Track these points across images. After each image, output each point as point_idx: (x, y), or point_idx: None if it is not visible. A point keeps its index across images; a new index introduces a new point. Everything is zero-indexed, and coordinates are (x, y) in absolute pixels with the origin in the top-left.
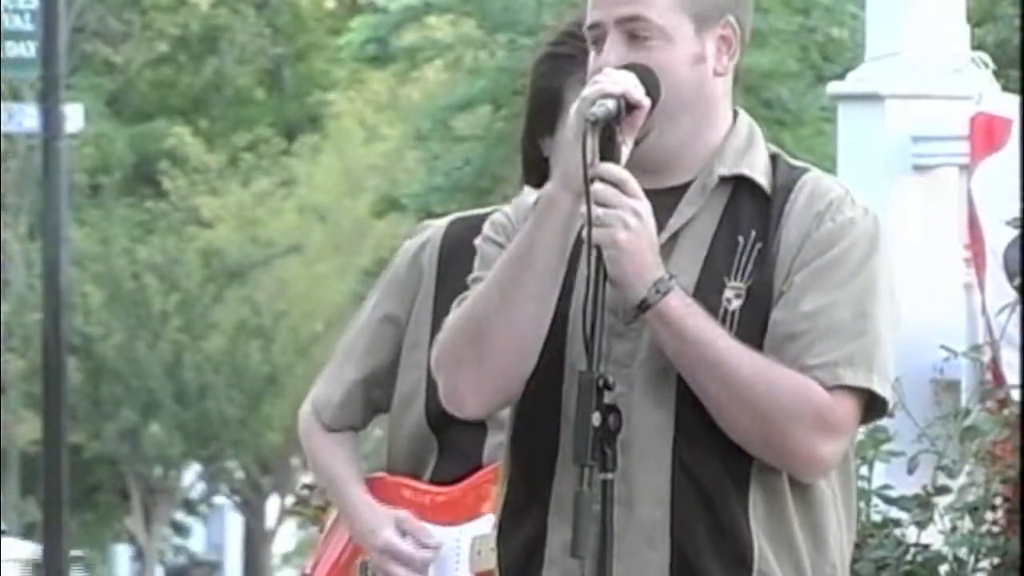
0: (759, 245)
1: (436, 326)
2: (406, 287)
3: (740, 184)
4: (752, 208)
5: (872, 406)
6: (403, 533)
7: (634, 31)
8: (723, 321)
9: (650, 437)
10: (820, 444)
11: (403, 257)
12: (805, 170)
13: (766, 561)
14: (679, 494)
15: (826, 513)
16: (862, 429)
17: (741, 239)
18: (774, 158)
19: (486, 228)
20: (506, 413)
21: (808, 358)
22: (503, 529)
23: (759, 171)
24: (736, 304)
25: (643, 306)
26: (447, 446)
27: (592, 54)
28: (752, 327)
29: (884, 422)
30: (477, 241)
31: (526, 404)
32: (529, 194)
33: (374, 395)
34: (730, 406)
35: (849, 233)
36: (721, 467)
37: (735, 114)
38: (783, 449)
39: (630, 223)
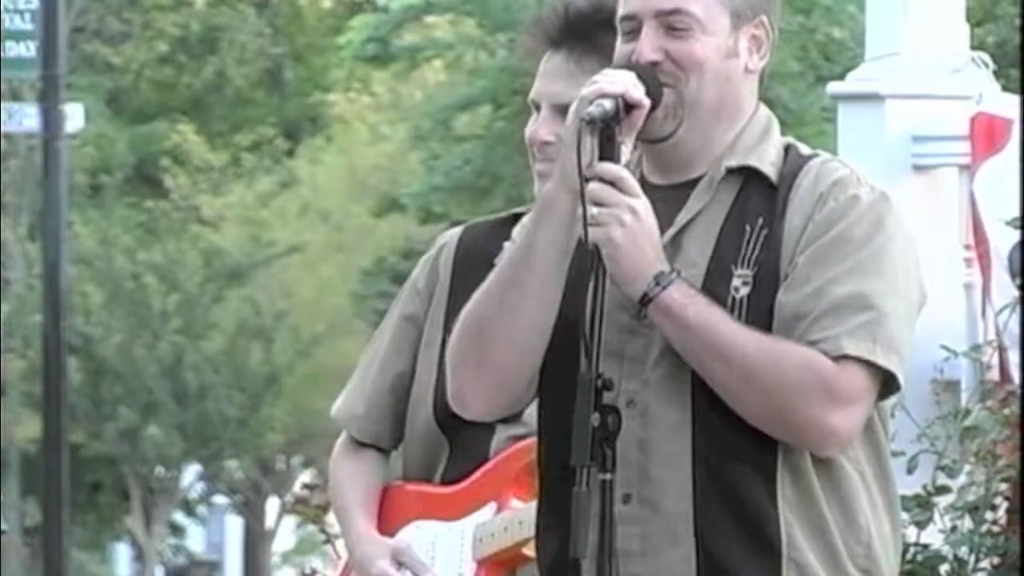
0: (765, 232)
1: (448, 326)
2: (424, 291)
3: (750, 176)
4: (760, 198)
5: (885, 383)
6: (399, 564)
7: (673, 23)
8: (732, 309)
9: (668, 434)
10: (829, 415)
11: (421, 266)
12: (814, 155)
13: (795, 547)
14: (701, 488)
15: (854, 491)
16: None
17: (748, 227)
18: (787, 148)
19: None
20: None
21: (813, 333)
22: (540, 527)
23: (768, 162)
24: (744, 292)
25: (644, 300)
26: (457, 445)
27: (620, 43)
28: (761, 313)
29: None
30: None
31: (550, 404)
32: None
33: (400, 408)
34: (738, 386)
35: (852, 210)
36: (744, 456)
37: (756, 107)
38: (795, 423)
39: (625, 220)
